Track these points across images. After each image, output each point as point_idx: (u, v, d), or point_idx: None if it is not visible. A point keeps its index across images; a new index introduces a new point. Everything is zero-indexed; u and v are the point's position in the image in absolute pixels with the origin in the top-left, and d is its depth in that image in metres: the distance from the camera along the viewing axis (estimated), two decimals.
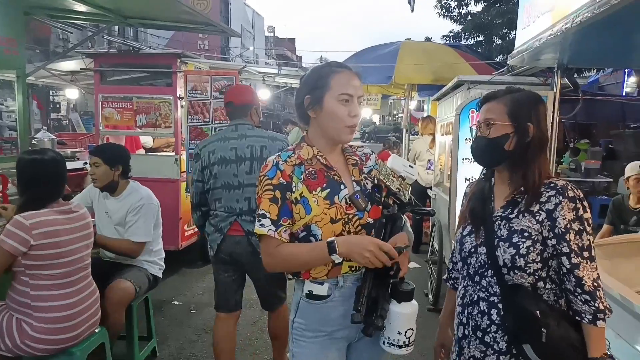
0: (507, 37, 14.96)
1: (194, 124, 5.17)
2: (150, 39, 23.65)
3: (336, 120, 1.63)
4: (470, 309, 1.64)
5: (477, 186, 1.77)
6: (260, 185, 1.65)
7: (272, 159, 1.68)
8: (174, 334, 4.04)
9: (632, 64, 4.28)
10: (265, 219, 1.62)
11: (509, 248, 1.54)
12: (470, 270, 1.66)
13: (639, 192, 3.89)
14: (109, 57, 5.51)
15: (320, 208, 1.61)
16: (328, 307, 1.68)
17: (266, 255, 1.66)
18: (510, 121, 1.60)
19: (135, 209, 3.08)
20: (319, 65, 1.75)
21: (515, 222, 1.57)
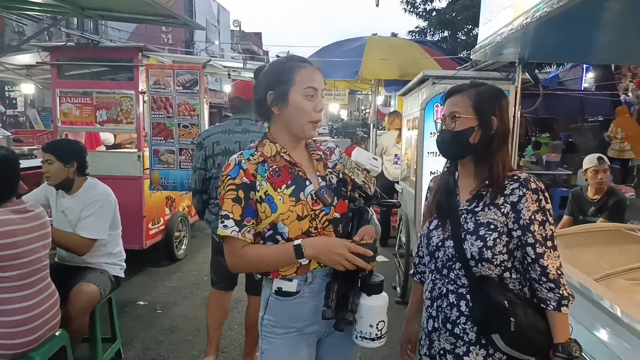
0: (471, 33, 15.22)
1: (157, 119, 5.03)
2: (111, 32, 22.98)
3: (302, 116, 1.61)
4: (440, 302, 1.66)
5: (442, 180, 1.78)
6: (223, 186, 1.61)
7: (235, 158, 1.64)
8: (140, 334, 3.95)
9: (590, 59, 4.40)
10: (228, 219, 1.58)
11: (476, 241, 1.56)
12: (438, 264, 1.68)
13: (597, 183, 4.00)
14: (67, 50, 5.29)
15: (286, 206, 1.59)
16: (298, 303, 1.66)
17: (231, 256, 1.63)
18: (475, 114, 1.62)
19: (90, 204, 2.98)
20: (280, 60, 1.70)
21: (481, 215, 1.59)
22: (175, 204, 6.02)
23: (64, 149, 3.02)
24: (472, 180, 1.67)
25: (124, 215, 4.92)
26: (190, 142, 5.01)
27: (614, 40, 2.59)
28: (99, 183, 3.14)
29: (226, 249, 1.63)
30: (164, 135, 5.05)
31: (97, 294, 2.93)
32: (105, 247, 3.14)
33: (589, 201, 4.10)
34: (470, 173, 1.68)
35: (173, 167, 5.07)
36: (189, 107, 5.00)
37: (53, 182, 3.00)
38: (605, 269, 2.00)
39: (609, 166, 4.00)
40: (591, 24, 2.22)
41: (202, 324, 4.14)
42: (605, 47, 2.82)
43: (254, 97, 1.71)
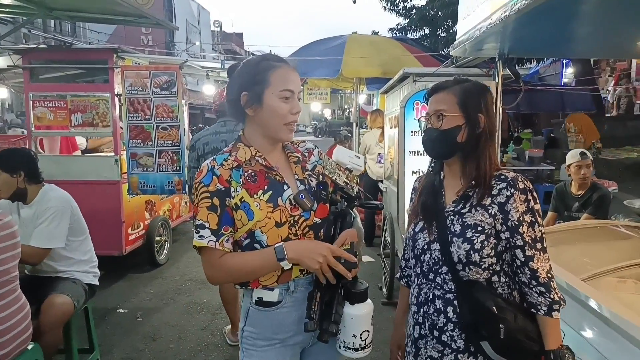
0: (451, 30, 15.26)
1: (134, 122, 4.92)
2: (89, 34, 22.63)
3: (277, 118, 1.54)
4: (426, 307, 1.59)
5: (427, 180, 1.72)
6: (196, 194, 1.52)
7: (207, 164, 1.55)
8: (120, 343, 3.84)
9: (570, 53, 4.41)
10: (204, 229, 1.49)
11: (463, 243, 1.50)
12: (424, 268, 1.61)
13: (580, 179, 3.99)
14: (39, 53, 5.15)
15: (263, 212, 1.51)
16: (280, 314, 1.59)
17: (209, 268, 1.54)
18: (462, 112, 1.56)
19: (43, 212, 2.86)
20: (254, 59, 1.61)
21: (468, 216, 1.53)
22: (155, 208, 5.90)
23: (7, 160, 2.90)
24: (459, 180, 1.61)
25: (101, 221, 4.91)
26: (170, 144, 4.91)
27: (592, 33, 2.58)
28: (55, 189, 3.02)
29: (203, 261, 1.54)
30: (142, 138, 4.96)
31: (70, 306, 2.81)
32: (73, 255, 3.02)
33: (573, 196, 4.09)
34: (457, 172, 1.62)
35: (152, 170, 4.97)
36: (167, 108, 4.91)
37: (5, 195, 2.89)
38: (593, 268, 1.97)
39: (591, 161, 3.99)
40: (569, 16, 2.20)
41: (185, 330, 4.05)
42: (584, 40, 2.81)
43: (227, 97, 1.63)
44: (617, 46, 3.00)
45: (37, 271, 3.00)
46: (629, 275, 2.11)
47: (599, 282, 1.90)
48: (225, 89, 1.67)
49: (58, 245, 2.89)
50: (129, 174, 4.96)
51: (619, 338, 1.57)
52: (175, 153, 4.95)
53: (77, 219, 3.04)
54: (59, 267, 2.98)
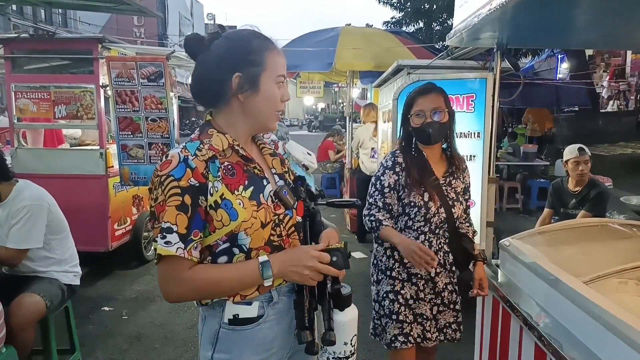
0: (446, 23, 15.17)
1: (122, 113, 4.78)
2: (80, 26, 22.38)
3: (272, 106, 1.36)
4: (441, 253, 2.31)
5: (412, 160, 2.29)
6: (162, 189, 1.24)
7: (177, 153, 1.27)
8: (103, 343, 3.73)
9: (571, 43, 4.32)
10: (171, 234, 1.23)
11: (460, 205, 2.32)
12: (432, 226, 2.27)
13: (578, 175, 3.90)
14: (21, 42, 4.99)
15: (248, 211, 1.30)
16: (261, 330, 1.37)
17: (170, 282, 1.27)
18: (447, 109, 2.23)
19: (16, 212, 2.73)
20: (244, 34, 1.36)
21: (456, 185, 2.32)
22: (143, 203, 5.76)
23: None
24: (442, 159, 2.35)
25: (86, 216, 4.77)
26: (160, 136, 4.79)
27: (595, 22, 2.49)
28: (29, 186, 2.87)
29: (164, 273, 1.27)
30: (131, 129, 4.83)
31: (40, 305, 2.69)
32: (52, 254, 2.89)
33: (570, 193, 4.01)
34: (438, 154, 2.33)
35: (143, 162, 4.85)
36: (155, 100, 4.77)
37: None
38: (595, 269, 1.89)
39: (589, 157, 3.90)
40: (572, 2, 2.10)
41: (171, 330, 3.95)
42: (586, 29, 2.72)
43: (201, 77, 1.36)
44: (622, 36, 2.90)
45: (14, 271, 2.88)
46: (629, 276, 2.04)
47: (602, 285, 1.82)
48: (197, 67, 1.37)
49: (36, 245, 2.77)
50: (120, 165, 4.84)
51: (620, 343, 1.49)
52: (165, 145, 4.83)
53: (55, 216, 2.90)
54: (37, 268, 2.87)
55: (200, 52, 1.34)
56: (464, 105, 3.63)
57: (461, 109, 3.62)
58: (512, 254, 2.27)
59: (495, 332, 2.35)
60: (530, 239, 2.43)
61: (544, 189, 4.46)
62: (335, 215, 7.88)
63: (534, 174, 8.62)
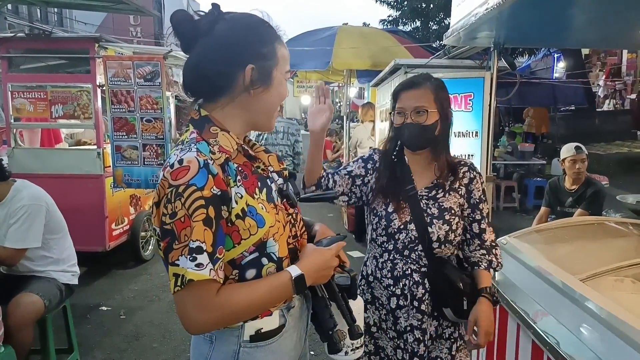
0: (443, 22, 15.18)
1: (117, 113, 4.77)
2: (76, 25, 22.30)
3: (278, 103, 1.25)
4: (405, 281, 1.78)
5: (386, 165, 1.87)
6: (181, 202, 1.05)
7: (195, 158, 1.08)
8: (101, 343, 3.72)
9: (566, 42, 4.34)
10: (202, 254, 1.05)
11: (443, 225, 1.75)
12: (399, 245, 1.79)
13: (574, 173, 3.91)
14: (16, 42, 4.97)
15: (272, 215, 1.18)
16: (283, 342, 1.25)
17: (201, 310, 1.07)
18: (437, 108, 1.75)
19: (14, 211, 2.73)
20: (253, 21, 1.21)
21: (444, 200, 1.78)
22: (140, 203, 5.76)
23: None
24: (430, 168, 1.82)
25: (84, 216, 4.76)
26: (154, 137, 4.77)
27: (591, 22, 2.50)
28: (27, 186, 2.87)
29: (191, 301, 1.07)
30: (125, 130, 4.81)
31: (39, 305, 2.69)
32: (50, 254, 2.89)
33: (567, 192, 4.02)
34: (427, 162, 1.83)
35: (137, 163, 4.83)
36: (151, 100, 4.76)
37: None
38: (591, 267, 1.90)
39: (586, 156, 3.92)
40: (568, 2, 2.11)
41: (169, 330, 3.94)
42: (582, 29, 2.73)
43: (208, 67, 1.17)
44: (618, 35, 2.92)
45: (12, 270, 2.87)
46: (625, 274, 2.05)
47: (598, 282, 1.83)
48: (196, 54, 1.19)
49: (34, 245, 2.77)
50: (114, 167, 4.82)
51: (616, 340, 1.50)
52: (159, 146, 4.81)
53: (53, 215, 2.90)
54: (35, 267, 2.86)
55: (198, 37, 1.17)
56: (462, 105, 3.65)
57: (459, 108, 3.64)
58: (509, 252, 2.28)
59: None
60: (527, 237, 2.44)
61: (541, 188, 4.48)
62: (332, 215, 7.88)
63: (531, 173, 8.64)
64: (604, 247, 2.30)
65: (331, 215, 7.87)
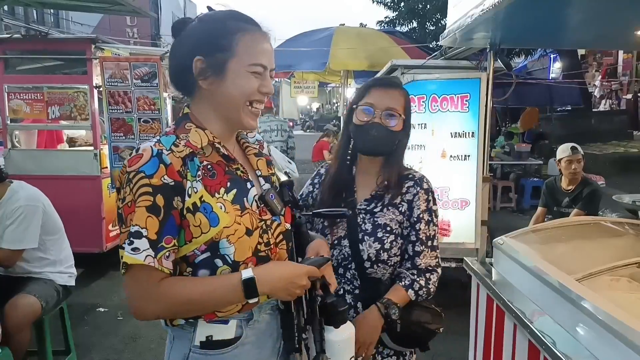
0: (439, 23, 15.20)
1: (115, 114, 4.78)
2: (73, 26, 22.27)
3: (240, 96, 1.17)
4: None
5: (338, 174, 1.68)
6: (130, 187, 1.07)
7: (150, 147, 1.10)
8: (99, 344, 3.72)
9: (562, 43, 4.36)
10: (140, 239, 1.05)
11: (374, 243, 1.57)
12: (334, 263, 1.61)
13: (570, 174, 3.94)
14: (13, 43, 4.98)
15: (230, 216, 1.14)
16: (237, 355, 1.18)
17: (141, 298, 1.09)
18: (405, 117, 1.61)
19: (11, 212, 2.73)
20: (218, 14, 1.23)
21: (380, 215, 1.60)
22: None
23: None
24: (373, 179, 1.65)
25: (81, 217, 4.75)
26: (152, 137, 4.77)
27: (588, 22, 2.52)
28: (23, 187, 2.88)
29: (133, 286, 1.09)
30: (123, 131, 4.82)
31: (36, 307, 2.69)
32: (47, 255, 2.90)
33: (563, 192, 4.05)
34: (373, 171, 1.65)
35: None
36: (148, 101, 4.77)
37: None
38: (587, 267, 1.91)
39: (582, 156, 3.94)
40: (565, 2, 2.12)
41: (166, 330, 3.93)
42: (579, 29, 2.75)
43: (172, 62, 1.23)
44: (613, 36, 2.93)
45: (9, 272, 2.87)
46: (621, 273, 2.06)
47: (594, 282, 1.84)
48: (170, 51, 1.26)
49: (31, 246, 2.78)
50: (111, 168, 4.83)
51: (612, 339, 1.51)
52: None
53: (50, 216, 2.90)
54: (32, 269, 2.87)
55: (175, 37, 1.23)
56: (459, 105, 3.66)
57: (456, 109, 3.65)
58: (506, 252, 2.28)
59: (489, 329, 2.36)
60: (523, 237, 2.44)
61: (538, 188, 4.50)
62: None
63: (528, 173, 8.67)
64: (600, 247, 2.31)
65: None
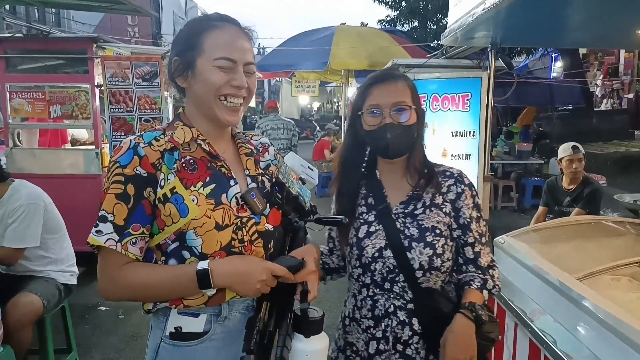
0: (441, 23, 15.19)
1: (116, 113, 4.79)
2: (74, 25, 22.27)
3: (209, 91, 1.21)
4: (388, 321, 1.45)
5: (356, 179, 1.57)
6: (107, 176, 1.18)
7: (130, 140, 1.20)
8: (100, 342, 3.72)
9: (564, 42, 4.36)
10: (105, 223, 1.14)
11: (425, 248, 1.42)
12: (377, 277, 1.47)
13: (571, 173, 3.93)
14: (15, 42, 4.98)
15: (201, 209, 1.18)
16: (204, 350, 1.21)
17: (104, 278, 1.18)
18: (414, 104, 1.47)
19: (12, 211, 2.73)
20: (195, 19, 1.32)
21: (424, 218, 1.46)
22: None
23: None
24: (402, 178, 1.52)
25: (82, 216, 4.72)
26: None
27: (588, 22, 2.52)
28: (25, 186, 2.87)
29: (100, 266, 1.18)
30: (124, 130, 4.83)
31: (38, 305, 2.69)
32: (48, 254, 2.90)
33: (564, 191, 4.04)
34: (401, 172, 1.52)
35: None
36: (150, 100, 4.78)
37: None
38: (588, 266, 1.91)
39: (583, 155, 3.93)
40: (565, 2, 2.12)
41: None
42: (579, 29, 2.75)
43: (168, 67, 1.34)
44: (615, 35, 2.93)
45: (11, 270, 2.88)
46: (622, 273, 2.06)
47: (595, 281, 1.84)
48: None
49: (32, 244, 2.77)
50: None
51: (612, 338, 1.51)
52: None
53: (52, 215, 2.90)
54: (34, 267, 2.86)
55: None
56: (460, 104, 3.66)
57: (457, 108, 3.65)
58: (507, 251, 2.29)
59: None
60: (524, 236, 2.44)
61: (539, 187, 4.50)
62: None
63: (529, 173, 8.66)
64: (600, 246, 2.31)
65: None
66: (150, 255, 1.23)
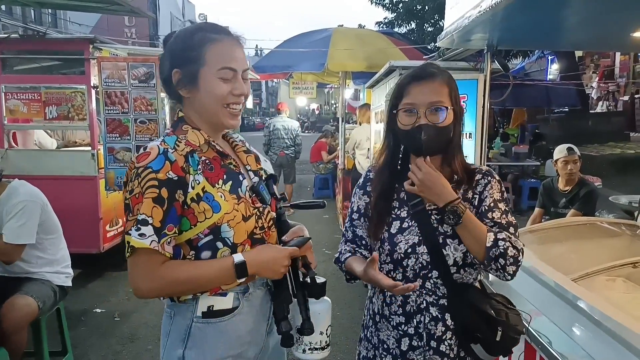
0: (438, 24, 15.22)
1: (111, 115, 4.76)
2: (70, 26, 22.22)
3: (215, 101, 1.33)
4: (420, 317, 1.47)
5: (391, 178, 1.56)
6: (139, 181, 1.24)
7: (157, 145, 1.28)
8: (96, 345, 3.71)
9: (560, 44, 4.37)
10: (146, 226, 1.22)
11: (459, 245, 1.42)
12: (409, 274, 1.47)
13: (567, 174, 3.95)
14: (10, 42, 4.95)
15: (229, 204, 1.31)
16: (235, 323, 1.35)
17: (143, 277, 1.25)
18: (453, 105, 1.44)
19: (11, 207, 2.72)
20: (187, 30, 1.38)
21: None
22: None
23: None
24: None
25: (78, 217, 4.74)
26: (148, 138, 4.75)
27: (584, 24, 2.53)
28: (23, 185, 2.87)
29: (136, 268, 1.25)
30: (119, 132, 4.79)
31: (33, 308, 2.68)
32: (44, 254, 2.89)
33: (560, 192, 4.05)
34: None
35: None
36: (145, 101, 4.75)
37: None
38: (583, 267, 1.91)
39: (579, 157, 3.95)
40: (562, 4, 2.13)
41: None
42: (576, 31, 2.76)
43: (160, 74, 1.42)
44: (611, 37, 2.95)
45: (6, 272, 2.86)
46: (617, 274, 2.06)
47: (590, 282, 1.84)
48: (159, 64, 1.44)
49: (28, 241, 2.76)
50: (106, 169, 4.79)
51: (607, 339, 1.51)
52: None
53: (49, 215, 2.90)
54: (30, 268, 2.85)
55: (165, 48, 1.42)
56: None
57: None
58: None
59: None
60: (521, 237, 2.44)
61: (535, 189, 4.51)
62: (328, 216, 7.89)
63: (525, 174, 8.68)
64: (596, 247, 2.32)
65: (327, 216, 7.88)
66: (177, 251, 1.31)
